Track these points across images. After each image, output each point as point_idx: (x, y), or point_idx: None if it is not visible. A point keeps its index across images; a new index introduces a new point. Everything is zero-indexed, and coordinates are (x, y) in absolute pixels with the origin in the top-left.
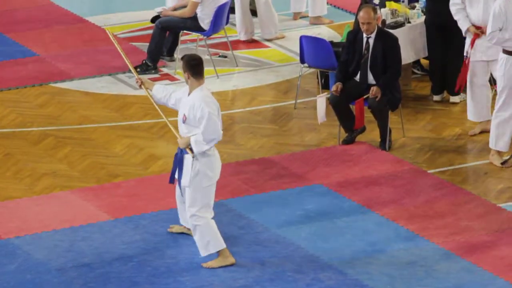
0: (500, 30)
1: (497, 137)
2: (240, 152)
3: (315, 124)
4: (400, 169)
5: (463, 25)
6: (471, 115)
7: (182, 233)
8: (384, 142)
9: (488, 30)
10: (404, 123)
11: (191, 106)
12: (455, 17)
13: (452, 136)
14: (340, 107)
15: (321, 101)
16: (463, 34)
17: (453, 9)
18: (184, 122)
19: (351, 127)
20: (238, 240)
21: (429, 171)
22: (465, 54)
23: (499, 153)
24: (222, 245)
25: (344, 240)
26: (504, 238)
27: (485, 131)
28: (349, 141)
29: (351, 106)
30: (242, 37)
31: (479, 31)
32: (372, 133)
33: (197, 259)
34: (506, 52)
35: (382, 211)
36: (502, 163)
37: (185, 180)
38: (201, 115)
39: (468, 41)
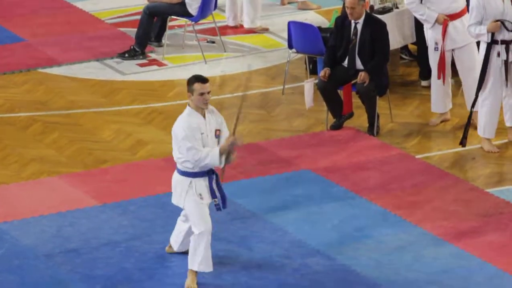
0: (480, 23)
1: (485, 125)
2: None
3: (303, 109)
4: (388, 154)
5: (430, 17)
6: (436, 107)
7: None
8: (372, 128)
9: (469, 23)
10: (392, 109)
11: (218, 123)
12: (418, 14)
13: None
14: (328, 93)
15: (309, 86)
16: (430, 25)
17: (411, 7)
18: (218, 136)
19: (339, 113)
20: (225, 225)
21: (417, 156)
22: (434, 46)
23: (489, 139)
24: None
25: (332, 225)
26: (492, 223)
27: (445, 121)
28: (337, 126)
29: (339, 91)
30: (231, 23)
31: (448, 18)
32: (360, 118)
33: None
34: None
35: (370, 196)
36: (460, 143)
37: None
38: (222, 118)
39: (432, 33)
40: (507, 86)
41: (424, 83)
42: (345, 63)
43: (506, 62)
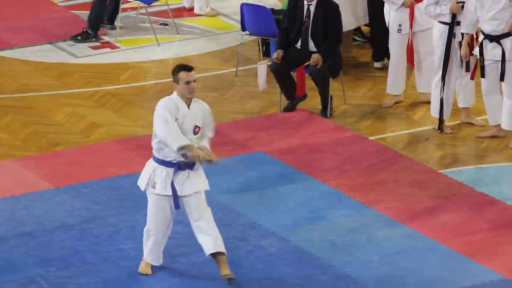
0: (437, 3)
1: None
2: None
3: (256, 91)
4: (342, 136)
5: (397, 0)
6: (392, 89)
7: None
8: (325, 109)
9: (424, 3)
10: (345, 90)
11: (201, 115)
12: None
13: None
14: (281, 75)
15: (262, 68)
16: (397, 7)
17: None
18: (197, 133)
19: (292, 95)
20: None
21: (370, 138)
22: (398, 28)
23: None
24: None
25: (286, 207)
26: (445, 204)
27: (398, 102)
28: (290, 108)
29: (292, 73)
30: (186, 4)
31: (414, 1)
32: (313, 100)
33: (139, 227)
34: (443, 23)
35: (323, 178)
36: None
37: (205, 184)
38: (211, 121)
39: (397, 15)
40: (462, 67)
41: (377, 64)
42: (298, 45)
43: (460, 43)
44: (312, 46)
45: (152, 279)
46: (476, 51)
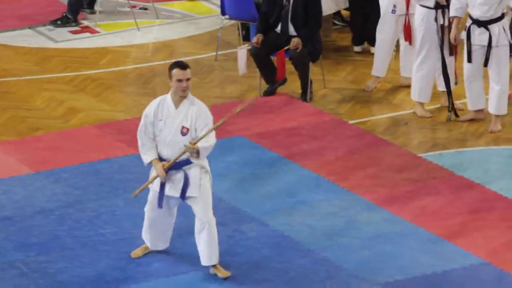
0: None
1: (420, 90)
2: None
3: (236, 76)
4: (321, 120)
5: None
6: (378, 71)
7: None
8: (305, 94)
9: None
10: (325, 74)
11: (194, 116)
12: None
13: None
14: (261, 59)
15: (242, 53)
16: None
17: None
18: (185, 134)
19: (272, 79)
20: None
21: (350, 122)
22: (392, 9)
23: (422, 104)
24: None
25: (265, 191)
26: (424, 188)
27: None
28: (270, 92)
29: (272, 57)
30: None
31: None
32: (293, 84)
33: (119, 212)
34: (425, 7)
35: (303, 162)
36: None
37: (194, 190)
38: (207, 123)
39: None
40: (443, 50)
41: (356, 48)
42: (278, 29)
43: (442, 27)
44: (292, 30)
45: (131, 264)
46: (464, 35)
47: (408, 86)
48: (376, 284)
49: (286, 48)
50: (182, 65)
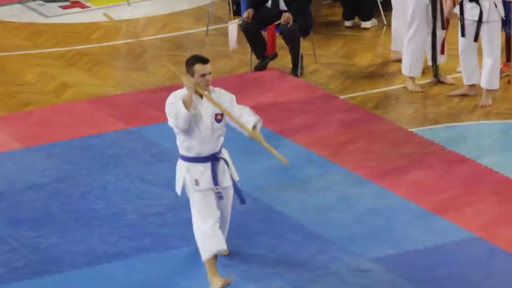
0: None
1: (411, 64)
2: (152, 80)
3: (227, 51)
4: (312, 95)
5: None
6: (396, 46)
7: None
8: (296, 68)
9: None
10: (315, 49)
11: (219, 101)
12: None
13: (363, 62)
14: (252, 34)
15: (233, 27)
16: None
17: None
18: (220, 121)
19: (262, 54)
20: (151, 167)
21: (341, 97)
22: None
23: (413, 78)
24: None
25: (257, 167)
26: (415, 163)
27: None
28: (261, 67)
29: (262, 32)
30: None
31: None
32: (284, 59)
33: (110, 187)
34: None
35: (294, 137)
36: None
37: (236, 175)
38: (231, 98)
39: None
40: (435, 25)
41: (347, 23)
42: (269, 4)
43: (435, 0)
44: (282, 5)
45: (122, 239)
46: (457, 10)
47: (399, 61)
48: (367, 259)
49: (276, 23)
50: (203, 60)
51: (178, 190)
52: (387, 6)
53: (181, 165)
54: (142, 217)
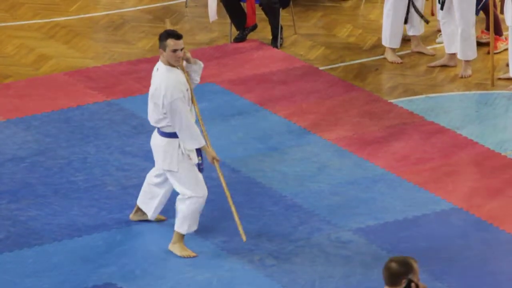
0: None
1: (391, 35)
2: (132, 52)
3: (207, 22)
4: (292, 66)
5: None
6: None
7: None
8: (276, 40)
9: None
10: (295, 21)
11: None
12: None
13: (343, 33)
14: (231, 5)
15: None
16: None
17: None
18: None
19: (242, 25)
20: (131, 139)
21: (320, 68)
22: None
23: (393, 49)
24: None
25: (237, 138)
26: (395, 134)
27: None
28: (240, 39)
29: (242, 4)
30: None
31: None
32: (264, 30)
33: (90, 159)
34: None
35: (274, 108)
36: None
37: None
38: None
39: None
40: None
41: None
42: None
43: None
44: None
45: (103, 210)
46: None
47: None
48: (347, 230)
49: None
50: (176, 35)
51: (174, 166)
52: None
53: (168, 142)
54: (122, 189)
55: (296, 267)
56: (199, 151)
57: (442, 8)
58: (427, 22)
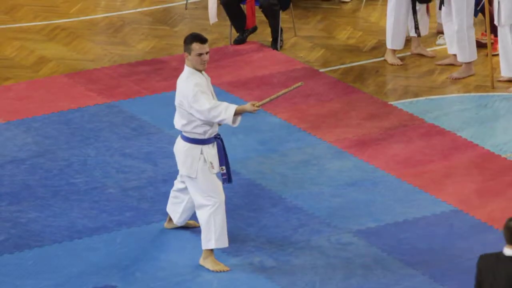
0: None
1: (393, 36)
2: (132, 54)
3: (207, 24)
4: (292, 68)
5: None
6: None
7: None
8: (276, 42)
9: None
10: (295, 23)
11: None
12: None
13: (343, 35)
14: (231, 7)
15: (213, 1)
16: None
17: None
18: None
19: (242, 27)
20: (131, 141)
21: (320, 70)
22: None
23: (394, 51)
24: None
25: (237, 139)
26: (395, 136)
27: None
28: (240, 41)
29: (242, 6)
30: None
31: None
32: (264, 32)
33: (90, 161)
34: None
35: (274, 110)
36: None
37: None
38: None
39: None
40: None
41: None
42: None
43: None
44: None
45: (103, 213)
46: None
47: None
48: (348, 232)
49: None
50: (201, 39)
51: (193, 172)
52: None
53: (190, 148)
54: (122, 191)
55: (296, 269)
56: (222, 160)
57: (440, 8)
58: (418, 35)
